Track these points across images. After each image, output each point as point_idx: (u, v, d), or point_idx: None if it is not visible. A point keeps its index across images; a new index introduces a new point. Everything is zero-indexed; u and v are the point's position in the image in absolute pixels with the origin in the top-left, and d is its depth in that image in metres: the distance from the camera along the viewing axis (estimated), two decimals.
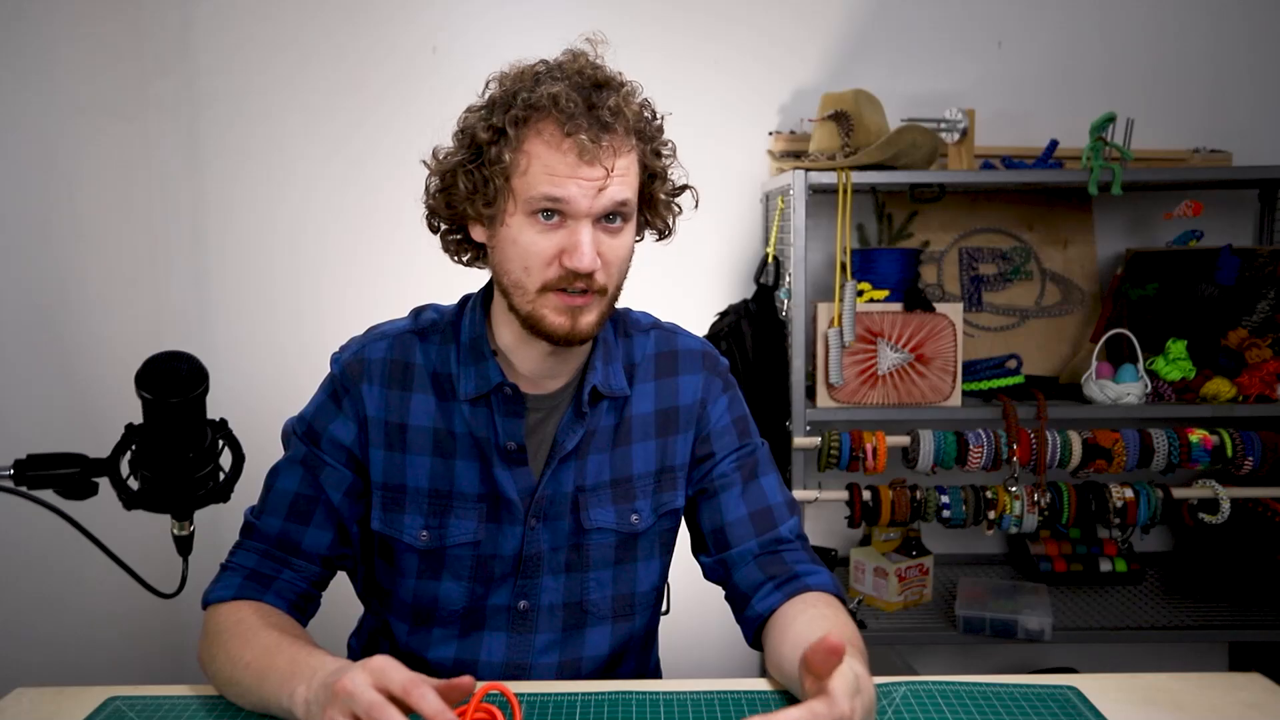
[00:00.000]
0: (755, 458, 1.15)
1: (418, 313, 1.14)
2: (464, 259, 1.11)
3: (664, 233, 1.12)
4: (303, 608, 1.08)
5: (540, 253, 0.98)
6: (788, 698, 0.97)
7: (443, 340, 1.10)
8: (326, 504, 1.08)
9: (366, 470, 1.09)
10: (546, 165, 0.96)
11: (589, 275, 0.98)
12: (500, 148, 0.98)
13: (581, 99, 0.96)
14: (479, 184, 1.00)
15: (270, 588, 1.05)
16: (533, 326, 1.01)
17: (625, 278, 1.06)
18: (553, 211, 0.97)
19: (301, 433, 1.10)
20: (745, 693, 0.98)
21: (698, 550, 1.17)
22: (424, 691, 0.77)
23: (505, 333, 1.07)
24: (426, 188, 1.07)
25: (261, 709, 0.93)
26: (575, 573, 1.11)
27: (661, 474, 1.13)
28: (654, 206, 1.08)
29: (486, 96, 1.02)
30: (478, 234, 1.05)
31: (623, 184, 0.98)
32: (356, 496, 1.09)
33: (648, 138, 1.03)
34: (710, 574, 1.15)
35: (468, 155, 1.01)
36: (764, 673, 1.05)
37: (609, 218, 0.99)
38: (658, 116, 1.05)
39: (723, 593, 1.14)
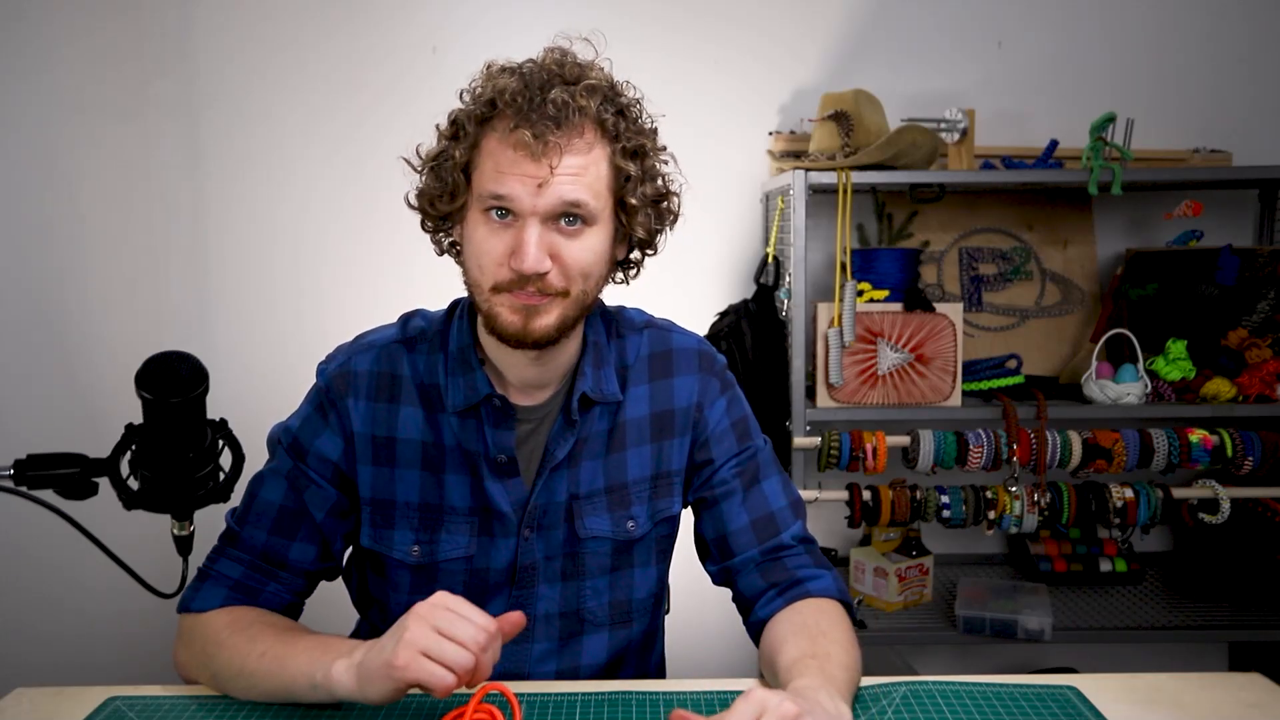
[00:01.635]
0: (756, 461, 1.13)
1: (405, 320, 1.12)
2: (458, 259, 1.09)
3: (645, 243, 1.05)
4: (288, 616, 1.08)
5: (490, 251, 0.96)
6: None
7: (430, 349, 1.08)
8: (311, 521, 1.06)
9: (354, 486, 1.07)
10: (495, 161, 0.95)
11: (540, 278, 0.95)
12: (458, 144, 0.97)
13: (533, 94, 0.93)
14: (445, 181, 0.99)
15: (257, 600, 1.05)
16: (490, 327, 1.00)
17: (597, 284, 1.02)
18: (504, 210, 0.95)
19: (287, 445, 1.08)
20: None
21: (702, 557, 1.16)
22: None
23: (490, 340, 1.05)
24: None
25: (281, 694, 0.93)
26: (571, 581, 1.10)
27: (657, 479, 1.11)
28: (629, 212, 1.00)
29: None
30: (456, 233, 1.04)
31: (575, 183, 0.94)
32: (341, 515, 1.08)
33: (619, 137, 0.97)
34: (716, 580, 1.14)
35: (435, 154, 1.01)
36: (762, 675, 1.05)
37: (568, 219, 0.96)
38: (640, 118, 1.01)
39: (728, 594, 1.14)
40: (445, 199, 1.00)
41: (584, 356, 1.08)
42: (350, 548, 1.14)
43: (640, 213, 1.01)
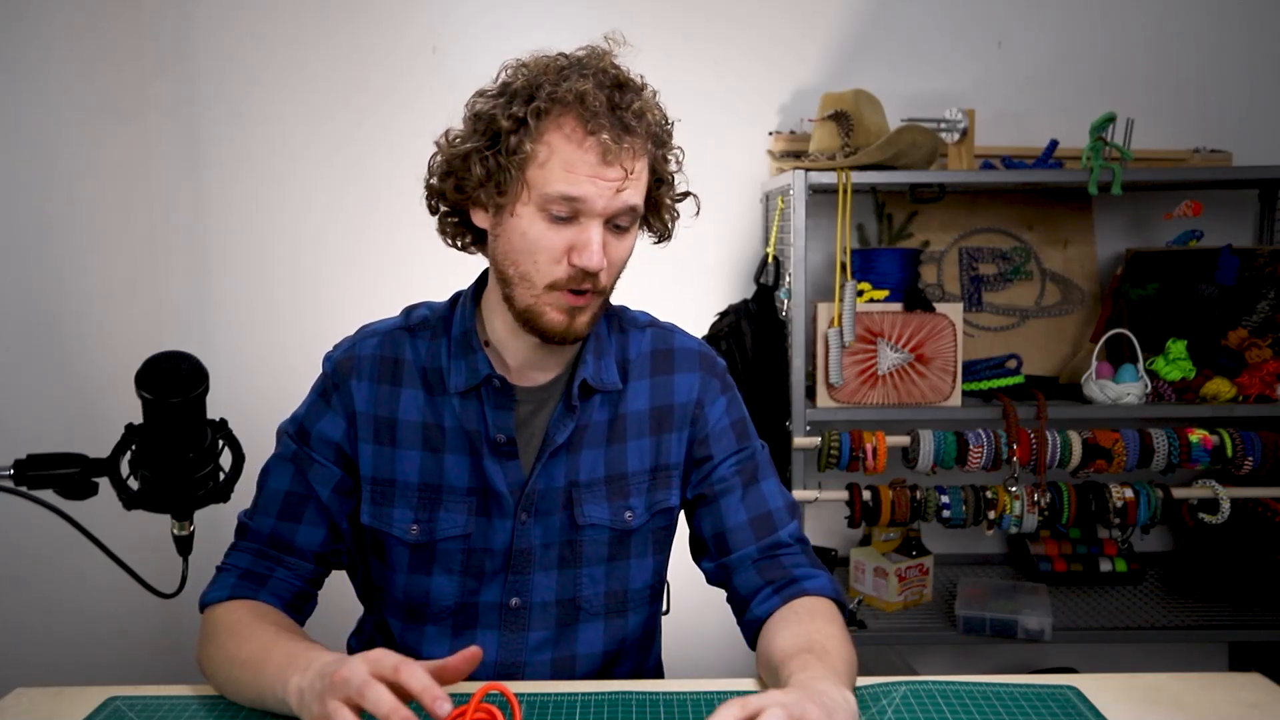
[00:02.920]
0: (755, 461, 1.15)
1: (409, 311, 1.15)
2: (460, 243, 1.11)
3: (662, 235, 1.13)
4: (298, 605, 1.09)
5: (550, 248, 0.98)
6: None
7: (433, 336, 1.11)
8: (316, 501, 1.08)
9: (356, 466, 1.09)
10: (565, 161, 0.96)
11: (594, 275, 0.99)
12: (519, 137, 0.97)
13: (605, 98, 0.96)
14: (493, 170, 0.99)
15: (265, 586, 1.06)
16: (528, 322, 1.02)
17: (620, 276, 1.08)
18: (566, 208, 0.97)
19: (293, 432, 1.11)
20: (745, 693, 0.98)
21: (698, 555, 1.17)
22: (412, 669, 0.78)
23: (497, 324, 1.08)
24: (430, 168, 1.06)
25: (259, 705, 0.93)
26: (568, 569, 1.11)
27: (656, 472, 1.13)
28: (657, 210, 1.08)
29: (500, 83, 1.01)
30: (480, 219, 1.05)
31: (637, 188, 0.99)
32: (346, 494, 1.09)
33: (661, 143, 1.04)
34: (712, 578, 1.15)
35: (484, 141, 0.99)
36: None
37: (623, 221, 1.00)
38: (669, 121, 1.06)
39: (724, 594, 1.14)
40: (493, 188, 0.99)
41: (586, 344, 1.11)
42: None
43: (668, 210, 1.10)
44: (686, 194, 1.12)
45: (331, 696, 0.80)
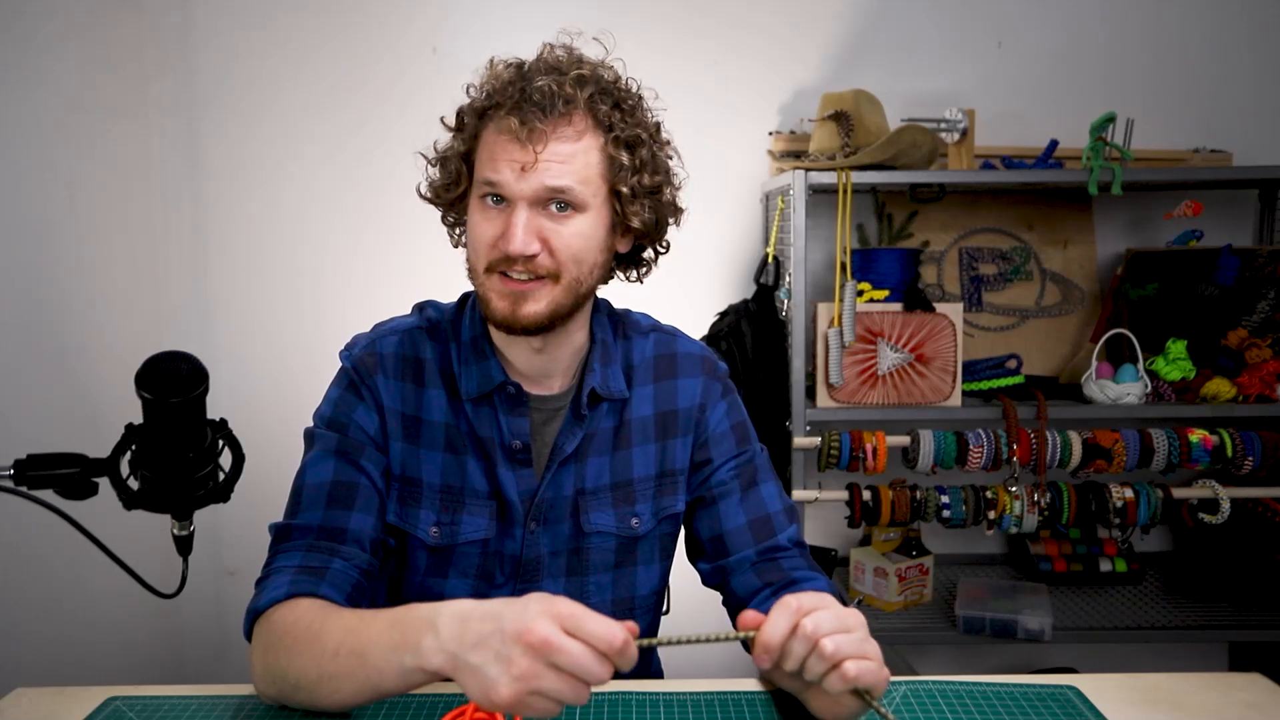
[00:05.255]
0: (754, 465, 1.14)
1: (421, 309, 1.14)
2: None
3: (643, 234, 1.05)
4: (357, 602, 0.99)
5: (483, 235, 1.00)
6: (774, 699, 0.97)
7: (445, 338, 1.10)
8: (368, 486, 1.04)
9: (388, 461, 1.08)
10: (490, 150, 0.99)
11: (529, 260, 0.98)
12: (460, 135, 1.03)
13: (525, 84, 0.97)
14: (449, 171, 1.05)
15: (324, 578, 0.97)
16: (484, 310, 1.03)
17: (592, 270, 1.02)
18: (498, 196, 0.99)
19: (326, 425, 1.07)
20: (745, 693, 0.98)
21: (694, 557, 1.16)
22: (630, 644, 0.71)
23: (492, 331, 1.07)
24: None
25: (369, 693, 0.84)
26: (575, 577, 1.11)
27: (662, 478, 1.13)
28: (622, 200, 1.01)
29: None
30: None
31: (561, 170, 0.96)
32: (388, 483, 1.07)
33: (612, 127, 0.99)
34: (708, 580, 1.15)
35: (444, 147, 1.06)
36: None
37: (557, 205, 0.98)
38: (637, 110, 1.02)
39: (721, 597, 1.14)
40: (450, 188, 1.05)
41: (593, 353, 1.10)
42: None
43: (635, 202, 1.02)
44: (660, 186, 1.03)
45: (528, 660, 0.70)
